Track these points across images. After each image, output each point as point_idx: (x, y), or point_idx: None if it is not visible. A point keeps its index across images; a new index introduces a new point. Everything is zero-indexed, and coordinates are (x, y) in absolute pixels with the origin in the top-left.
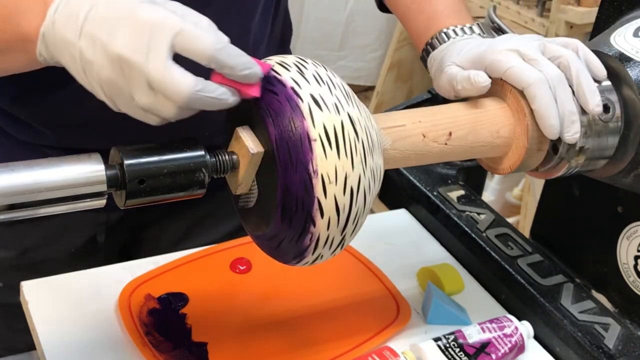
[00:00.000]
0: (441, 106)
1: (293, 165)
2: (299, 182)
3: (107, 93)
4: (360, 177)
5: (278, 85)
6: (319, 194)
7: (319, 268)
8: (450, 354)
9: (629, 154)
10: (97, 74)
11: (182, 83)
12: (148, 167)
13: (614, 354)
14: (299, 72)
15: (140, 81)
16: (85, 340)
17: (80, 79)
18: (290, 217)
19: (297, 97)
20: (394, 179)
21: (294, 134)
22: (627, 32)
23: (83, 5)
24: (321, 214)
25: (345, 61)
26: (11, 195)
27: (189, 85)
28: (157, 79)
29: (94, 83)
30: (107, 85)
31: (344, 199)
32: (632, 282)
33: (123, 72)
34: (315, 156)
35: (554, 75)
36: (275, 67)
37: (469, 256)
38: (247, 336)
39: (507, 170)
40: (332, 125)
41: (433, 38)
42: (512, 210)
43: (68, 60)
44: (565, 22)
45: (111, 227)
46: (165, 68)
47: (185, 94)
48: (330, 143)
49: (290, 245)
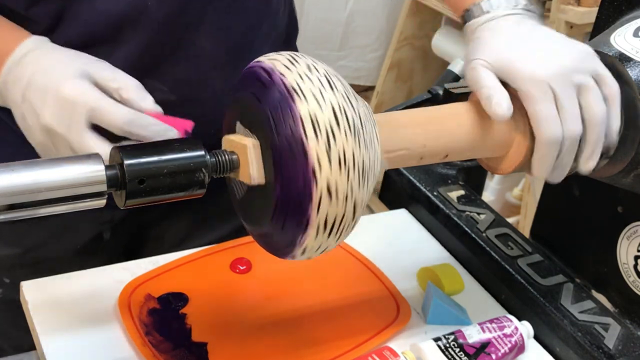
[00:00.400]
0: (444, 114)
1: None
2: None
3: (41, 153)
4: (354, 152)
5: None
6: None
7: (319, 268)
8: (450, 354)
9: (629, 154)
10: (33, 137)
11: (97, 150)
12: (148, 167)
13: (614, 354)
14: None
15: (65, 147)
16: (85, 340)
17: (26, 136)
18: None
19: (295, 95)
20: (394, 179)
21: (292, 135)
22: (627, 32)
23: (27, 69)
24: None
25: (345, 61)
26: (11, 195)
27: (103, 152)
28: (78, 148)
29: (33, 143)
30: (41, 147)
31: (340, 177)
32: (632, 282)
33: (52, 140)
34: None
35: (573, 135)
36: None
37: (469, 256)
38: (247, 336)
39: (507, 171)
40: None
41: (472, 6)
42: (512, 210)
43: (16, 117)
44: (565, 22)
45: (116, 225)
46: (82, 139)
47: (103, 156)
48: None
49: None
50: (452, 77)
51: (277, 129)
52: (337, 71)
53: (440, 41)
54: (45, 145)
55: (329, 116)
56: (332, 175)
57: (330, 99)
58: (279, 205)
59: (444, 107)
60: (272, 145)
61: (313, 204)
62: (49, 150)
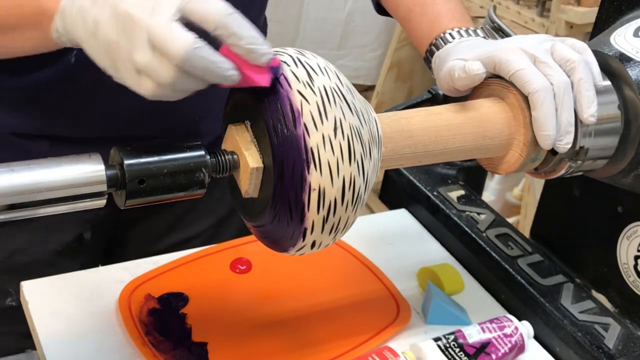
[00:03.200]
0: (442, 115)
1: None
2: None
3: (110, 55)
4: (350, 124)
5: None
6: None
7: (319, 268)
8: (450, 354)
9: (629, 154)
10: (103, 34)
11: (182, 39)
12: (148, 167)
13: (614, 354)
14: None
15: (141, 38)
16: (85, 340)
17: (90, 47)
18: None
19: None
20: (394, 179)
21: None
22: (627, 32)
23: None
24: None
25: (345, 61)
26: (11, 195)
27: (189, 41)
28: (158, 33)
29: (101, 46)
30: (110, 46)
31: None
32: (632, 282)
33: (125, 29)
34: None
35: (561, 82)
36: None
37: (469, 256)
38: (247, 336)
39: (507, 171)
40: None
41: (437, 39)
42: (512, 210)
43: (81, 29)
44: (565, 22)
45: (95, 226)
46: (166, 24)
47: (184, 49)
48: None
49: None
50: None
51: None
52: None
53: None
54: (116, 42)
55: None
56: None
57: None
58: (278, 199)
59: (444, 108)
60: (272, 149)
61: (311, 200)
62: (119, 48)
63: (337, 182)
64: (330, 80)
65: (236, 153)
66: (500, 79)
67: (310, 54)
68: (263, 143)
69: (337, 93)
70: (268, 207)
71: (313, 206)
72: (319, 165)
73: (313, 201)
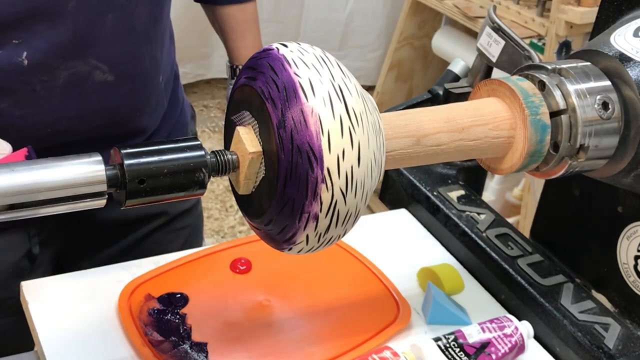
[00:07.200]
0: (442, 115)
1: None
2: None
3: None
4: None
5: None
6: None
7: (319, 268)
8: (450, 354)
9: (629, 154)
10: None
11: None
12: (148, 167)
13: (614, 354)
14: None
15: None
16: (85, 340)
17: None
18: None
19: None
20: (394, 179)
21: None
22: (627, 32)
23: None
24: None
25: (345, 61)
26: (11, 195)
27: None
28: None
29: None
30: None
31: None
32: (632, 282)
33: None
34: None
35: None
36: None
37: (469, 256)
38: (247, 336)
39: (508, 171)
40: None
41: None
42: (512, 210)
43: None
44: (565, 22)
45: (43, 241)
46: None
47: None
48: None
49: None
50: (452, 77)
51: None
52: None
53: (440, 41)
54: None
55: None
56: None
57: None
58: (280, 198)
59: (444, 108)
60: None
61: (316, 195)
62: None
63: (339, 182)
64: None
65: (236, 153)
66: (500, 78)
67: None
68: (266, 139)
69: (340, 93)
70: (268, 207)
71: (315, 206)
72: (325, 168)
73: (316, 201)
